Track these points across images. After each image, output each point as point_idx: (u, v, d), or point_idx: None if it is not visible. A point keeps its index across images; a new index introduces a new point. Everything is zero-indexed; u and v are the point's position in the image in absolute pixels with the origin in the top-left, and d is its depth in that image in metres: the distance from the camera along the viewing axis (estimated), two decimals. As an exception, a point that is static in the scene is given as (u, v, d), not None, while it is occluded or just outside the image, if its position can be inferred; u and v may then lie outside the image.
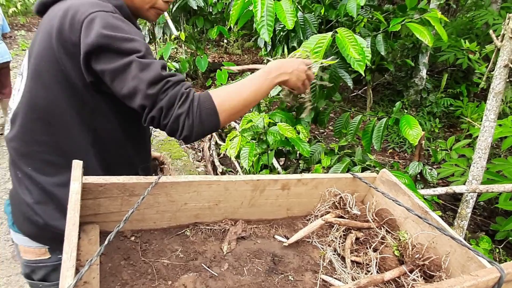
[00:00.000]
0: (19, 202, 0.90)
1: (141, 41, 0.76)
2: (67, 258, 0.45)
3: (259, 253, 0.84)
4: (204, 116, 0.77)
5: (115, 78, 0.73)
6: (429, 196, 1.96)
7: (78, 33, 0.73)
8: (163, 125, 0.76)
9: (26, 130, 0.84)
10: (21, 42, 7.31)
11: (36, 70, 0.80)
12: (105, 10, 0.75)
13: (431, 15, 1.71)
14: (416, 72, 4.67)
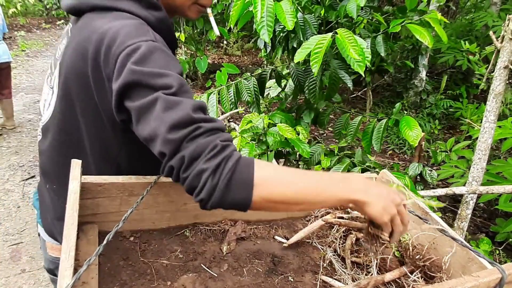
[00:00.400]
0: (46, 208, 0.90)
1: (175, 76, 0.63)
2: (65, 257, 0.45)
3: (259, 253, 0.83)
4: (233, 183, 0.57)
5: (139, 117, 0.62)
6: (429, 197, 1.96)
7: (112, 67, 0.64)
8: (182, 179, 0.59)
9: (54, 149, 0.82)
10: (20, 43, 7.30)
11: (68, 94, 0.74)
12: (144, 39, 0.65)
13: (431, 16, 1.71)
14: (416, 74, 4.67)
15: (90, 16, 0.72)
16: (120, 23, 0.67)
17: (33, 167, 3.12)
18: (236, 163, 0.58)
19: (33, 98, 4.78)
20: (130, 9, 0.71)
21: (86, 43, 0.68)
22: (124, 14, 0.70)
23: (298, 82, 1.93)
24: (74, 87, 0.72)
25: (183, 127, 0.58)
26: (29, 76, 5.75)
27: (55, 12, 10.59)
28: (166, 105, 0.59)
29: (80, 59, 0.69)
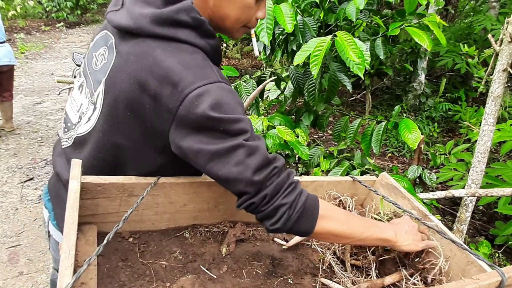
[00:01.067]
0: (63, 210, 0.88)
1: (246, 120, 0.69)
2: (65, 257, 0.45)
3: (258, 255, 0.83)
4: (305, 215, 0.69)
5: (213, 160, 0.66)
6: (428, 200, 1.96)
7: (178, 104, 0.65)
8: (260, 211, 0.68)
9: (88, 162, 0.79)
10: (20, 45, 7.30)
11: (114, 116, 0.73)
12: (212, 81, 0.67)
13: (430, 20, 1.72)
14: (415, 77, 4.68)
15: (149, 43, 0.69)
16: (183, 60, 0.68)
17: (31, 169, 3.11)
18: (306, 200, 0.70)
19: (32, 100, 4.77)
20: (190, 39, 0.71)
21: (146, 74, 0.67)
22: (186, 47, 0.70)
23: (298, 85, 1.94)
24: (123, 111, 0.71)
25: (264, 169, 0.67)
26: (28, 78, 5.74)
27: (55, 14, 10.59)
28: (248, 152, 0.66)
29: (137, 88, 0.68)
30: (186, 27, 0.71)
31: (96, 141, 0.77)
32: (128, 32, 0.72)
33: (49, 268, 2.02)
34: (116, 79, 0.72)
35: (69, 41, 8.73)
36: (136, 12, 0.70)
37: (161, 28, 0.69)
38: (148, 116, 0.69)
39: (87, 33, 9.96)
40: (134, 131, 0.72)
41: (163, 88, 0.66)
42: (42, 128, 3.94)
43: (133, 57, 0.70)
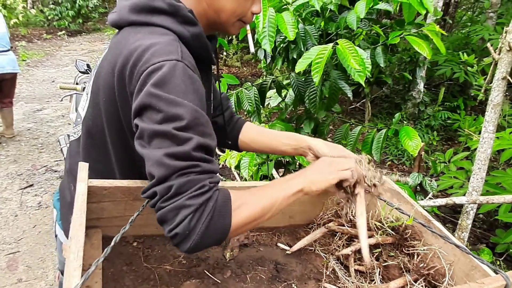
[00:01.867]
0: (67, 209, 0.89)
1: (189, 107, 0.62)
2: (73, 258, 0.45)
3: (262, 260, 0.83)
4: (214, 223, 0.59)
5: (143, 137, 0.62)
6: (429, 208, 1.96)
7: (135, 84, 0.64)
8: (158, 208, 0.59)
9: (82, 151, 0.83)
10: (21, 53, 7.36)
11: (97, 103, 0.76)
12: (169, 58, 0.64)
13: (429, 29, 1.74)
14: (414, 86, 4.72)
15: (127, 30, 0.72)
16: (151, 40, 0.67)
17: (31, 176, 3.10)
18: (216, 204, 0.59)
19: (32, 107, 4.78)
20: (165, 24, 0.70)
21: (117, 57, 0.69)
22: (158, 30, 0.70)
23: (299, 92, 1.95)
24: (102, 97, 0.73)
25: (180, 159, 0.58)
26: (29, 85, 5.76)
27: (56, 23, 10.68)
28: (173, 142, 0.59)
29: (110, 72, 0.70)
30: (161, 13, 0.71)
31: (86, 127, 0.81)
32: (116, 26, 0.76)
33: (48, 276, 2.00)
34: (101, 68, 0.76)
35: (71, 49, 8.79)
36: (120, 5, 0.74)
37: (137, 16, 0.71)
38: (118, 97, 0.70)
39: (88, 41, 10.03)
40: (111, 114, 0.73)
41: (127, 68, 0.66)
42: (42, 135, 3.94)
43: (113, 45, 0.74)
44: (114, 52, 0.72)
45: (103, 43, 9.76)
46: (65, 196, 0.90)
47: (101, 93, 0.74)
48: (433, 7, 1.54)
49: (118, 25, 0.75)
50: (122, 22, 0.73)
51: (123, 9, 0.73)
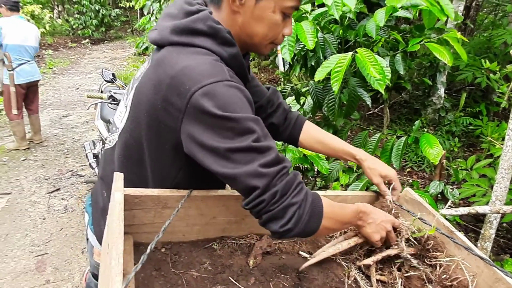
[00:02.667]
0: (99, 214, 0.94)
1: (254, 118, 0.68)
2: (115, 264, 0.48)
3: (284, 268, 0.85)
4: (313, 216, 0.70)
5: (219, 158, 0.67)
6: (451, 217, 1.92)
7: (186, 102, 0.67)
8: (267, 211, 0.67)
9: (118, 160, 0.87)
10: (48, 61, 7.65)
11: (137, 117, 0.79)
12: (220, 79, 0.68)
13: (450, 36, 1.73)
14: (434, 91, 4.64)
15: (169, 49, 0.75)
16: (195, 61, 0.70)
17: (58, 180, 3.22)
18: (312, 197, 0.72)
19: (58, 113, 4.97)
20: (205, 45, 0.74)
21: (161, 76, 0.72)
22: (200, 50, 0.73)
23: (317, 100, 1.97)
24: (144, 112, 0.76)
25: (273, 166, 0.67)
26: (55, 92, 5.99)
27: (81, 31, 11.07)
28: (256, 153, 0.67)
29: (153, 90, 0.73)
30: (202, 35, 0.74)
31: (124, 139, 0.84)
32: (157, 44, 0.79)
33: (74, 277, 2.07)
34: (142, 84, 0.79)
35: (94, 56, 9.08)
36: (161, 26, 0.78)
37: (179, 37, 0.74)
38: (161, 115, 0.72)
39: (111, 48, 10.33)
40: (151, 130, 0.76)
41: (172, 87, 0.69)
42: (68, 141, 4.09)
43: (155, 63, 0.77)
44: (157, 70, 0.74)
45: (124, 50, 10.03)
46: (98, 202, 0.95)
47: (142, 108, 0.77)
48: (454, 13, 1.53)
49: (159, 44, 0.78)
50: (163, 41, 0.76)
51: (165, 30, 0.76)
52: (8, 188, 3.05)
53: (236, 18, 0.77)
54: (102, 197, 0.93)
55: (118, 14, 11.88)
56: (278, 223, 0.68)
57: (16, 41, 3.40)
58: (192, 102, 0.67)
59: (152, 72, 0.76)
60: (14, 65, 3.42)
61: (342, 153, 1.05)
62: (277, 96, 1.09)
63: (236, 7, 0.76)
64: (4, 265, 2.15)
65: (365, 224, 0.84)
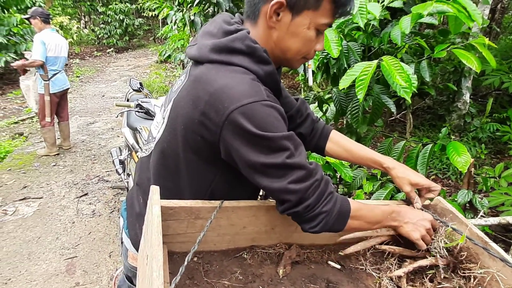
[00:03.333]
0: (134, 218, 0.98)
1: (288, 135, 0.74)
2: (156, 276, 0.51)
3: (314, 278, 0.85)
4: (338, 219, 0.79)
5: (257, 171, 0.73)
6: (480, 227, 1.87)
7: (223, 119, 0.71)
8: (301, 216, 0.76)
9: (154, 167, 0.91)
10: (75, 70, 7.95)
11: (174, 129, 0.82)
12: (257, 99, 0.72)
13: (478, 41, 1.69)
14: (459, 96, 4.52)
15: (208, 67, 0.78)
16: (234, 80, 0.74)
17: (85, 185, 3.33)
18: (340, 206, 0.79)
19: (85, 120, 5.15)
20: (243, 64, 0.77)
21: (200, 92, 0.75)
22: (238, 69, 0.76)
23: (340, 107, 1.96)
24: (181, 125, 0.80)
25: (305, 181, 0.74)
26: (82, 100, 6.22)
27: (106, 41, 11.47)
28: (289, 169, 0.73)
29: (191, 105, 0.76)
30: (240, 54, 0.77)
31: (160, 148, 0.88)
32: (196, 61, 0.83)
33: (102, 280, 2.13)
34: (181, 98, 0.82)
35: (118, 65, 9.36)
36: (201, 44, 0.82)
37: (218, 55, 0.78)
38: (198, 129, 0.76)
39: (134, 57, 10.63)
40: (188, 142, 0.79)
41: (211, 104, 0.72)
42: (95, 147, 4.23)
43: (193, 78, 0.80)
44: (195, 85, 0.78)
45: (147, 58, 10.30)
46: (134, 207, 0.99)
47: (179, 121, 0.80)
48: (481, 18, 1.50)
49: (198, 61, 0.82)
50: (202, 59, 0.80)
51: (204, 48, 0.80)
52: (39, 192, 3.18)
53: (272, 33, 0.80)
54: (138, 202, 0.98)
55: (141, 23, 12.23)
56: (307, 225, 0.78)
57: (53, 54, 3.60)
58: (230, 119, 0.71)
59: (191, 88, 0.79)
60: (49, 75, 3.60)
61: (370, 161, 1.05)
62: (305, 107, 1.11)
63: (273, 23, 0.78)
64: (37, 267, 2.24)
65: (401, 224, 0.88)
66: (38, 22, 3.54)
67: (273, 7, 0.76)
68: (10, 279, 2.12)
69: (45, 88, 3.59)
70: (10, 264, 2.25)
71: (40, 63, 3.49)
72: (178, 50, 6.37)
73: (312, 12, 0.76)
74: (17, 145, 4.21)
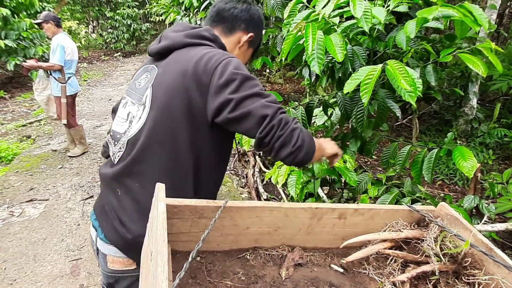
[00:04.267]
0: (112, 217, 1.01)
1: (256, 79, 0.97)
2: (160, 271, 0.51)
3: (316, 281, 0.85)
4: (310, 137, 0.94)
5: (241, 102, 0.89)
6: (487, 233, 1.85)
7: (210, 76, 0.91)
8: (278, 136, 0.88)
9: (142, 151, 0.97)
10: (83, 74, 8.05)
11: (167, 103, 0.95)
12: (232, 56, 0.96)
13: (484, 46, 1.68)
14: (466, 101, 4.49)
15: (182, 51, 1.00)
16: (210, 50, 0.98)
17: (91, 188, 3.36)
18: (305, 130, 0.95)
19: (92, 123, 5.20)
20: (211, 45, 1.03)
21: (185, 66, 0.94)
22: (209, 47, 1.01)
23: (345, 111, 1.96)
24: (171, 99, 0.94)
25: (275, 103, 0.91)
26: (89, 103, 6.28)
27: (113, 45, 11.60)
28: (263, 95, 0.92)
29: (180, 77, 0.94)
30: (207, 39, 1.03)
31: (150, 128, 0.96)
32: (167, 50, 1.01)
33: (106, 282, 2.14)
34: (162, 80, 0.97)
35: (125, 69, 9.46)
36: (172, 35, 1.03)
37: (191, 39, 1.01)
38: (190, 95, 0.92)
39: (141, 61, 10.73)
40: (180, 112, 0.93)
41: (199, 68, 0.92)
42: (100, 150, 4.25)
43: (173, 60, 0.99)
44: (176, 65, 0.97)
45: (153, 62, 10.36)
46: (104, 210, 1.04)
47: (172, 97, 0.94)
48: (487, 22, 1.49)
49: (171, 47, 1.01)
50: (177, 44, 1.01)
51: (178, 36, 1.02)
52: (46, 194, 3.21)
53: (234, 48, 1.15)
54: (114, 195, 1.02)
55: (149, 28, 12.37)
56: (289, 145, 0.89)
57: (70, 57, 3.70)
58: (217, 71, 0.91)
59: (171, 69, 0.97)
60: (66, 78, 3.67)
61: None
62: None
63: (239, 45, 1.15)
64: (42, 268, 2.25)
65: (330, 150, 1.10)
66: (52, 27, 3.60)
67: (248, 39, 1.15)
68: (15, 279, 2.14)
69: (62, 91, 3.65)
70: (16, 265, 2.27)
71: (59, 67, 3.59)
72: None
73: (252, 48, 1.20)
74: (24, 147, 4.26)
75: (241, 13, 1.11)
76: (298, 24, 1.55)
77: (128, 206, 0.98)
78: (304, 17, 1.64)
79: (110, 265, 1.04)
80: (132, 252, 1.01)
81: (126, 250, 1.01)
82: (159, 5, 7.50)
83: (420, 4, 1.81)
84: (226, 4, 1.12)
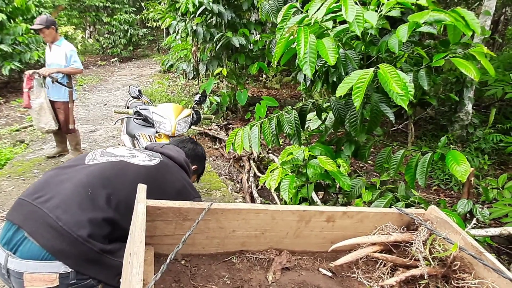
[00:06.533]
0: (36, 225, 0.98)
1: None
2: (136, 272, 0.49)
3: (304, 285, 0.83)
4: None
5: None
6: (481, 237, 1.83)
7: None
8: None
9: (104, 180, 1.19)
10: (79, 79, 8.03)
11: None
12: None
13: (476, 50, 1.69)
14: (461, 107, 4.50)
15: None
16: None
17: (84, 192, 3.31)
18: None
19: (87, 128, 5.17)
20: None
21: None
22: None
23: (339, 115, 1.96)
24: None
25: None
26: (84, 108, 6.26)
27: (110, 50, 11.61)
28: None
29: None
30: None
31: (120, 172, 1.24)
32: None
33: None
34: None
35: (122, 74, 9.45)
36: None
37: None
38: None
39: (137, 66, 10.74)
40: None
41: None
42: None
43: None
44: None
45: (150, 68, 10.40)
46: (26, 219, 1.01)
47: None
48: (480, 28, 1.50)
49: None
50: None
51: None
52: (38, 199, 3.16)
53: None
54: (45, 204, 1.02)
55: (145, 33, 12.40)
56: None
57: None
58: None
59: None
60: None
61: None
62: None
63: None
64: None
65: None
66: (53, 32, 3.56)
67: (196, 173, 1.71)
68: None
69: (69, 96, 3.64)
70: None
71: (81, 71, 3.60)
72: (181, 60, 6.44)
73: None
74: (17, 152, 4.22)
75: (189, 151, 1.64)
76: (291, 28, 1.55)
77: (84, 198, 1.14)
78: (297, 22, 1.64)
79: (29, 284, 0.96)
80: (69, 257, 0.97)
81: (63, 253, 0.96)
82: (156, 11, 7.52)
83: (413, 10, 1.82)
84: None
